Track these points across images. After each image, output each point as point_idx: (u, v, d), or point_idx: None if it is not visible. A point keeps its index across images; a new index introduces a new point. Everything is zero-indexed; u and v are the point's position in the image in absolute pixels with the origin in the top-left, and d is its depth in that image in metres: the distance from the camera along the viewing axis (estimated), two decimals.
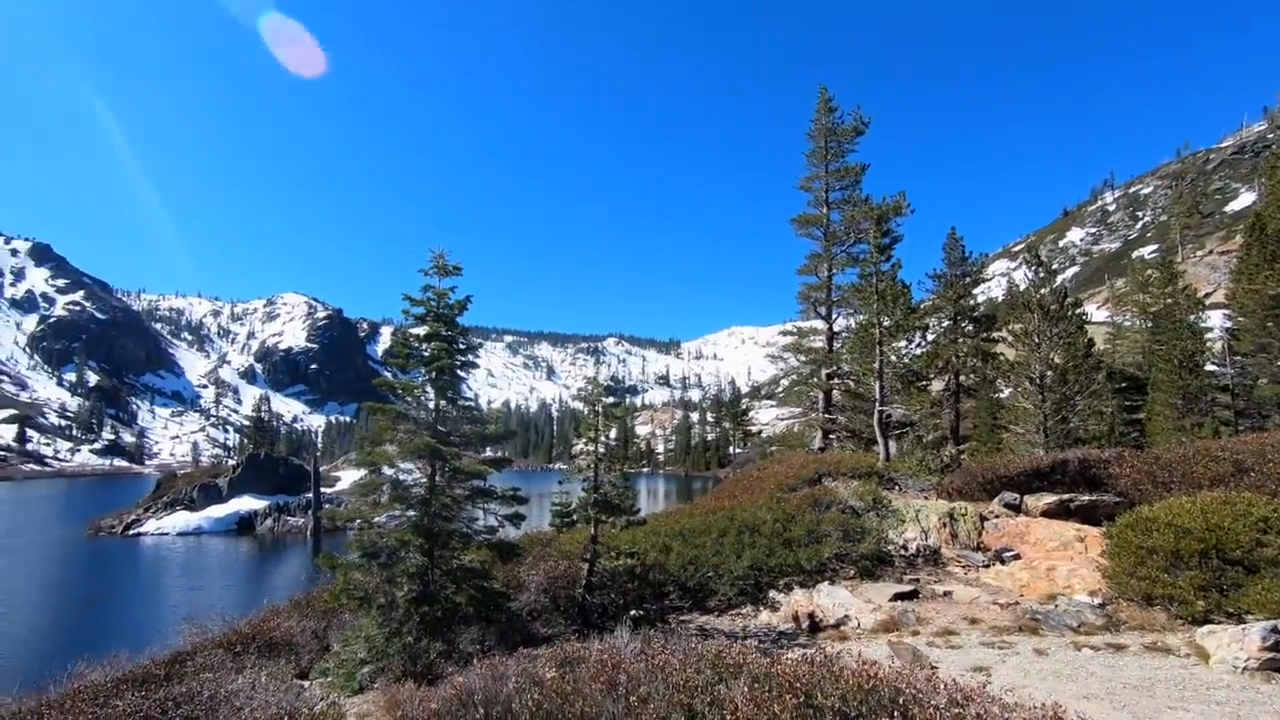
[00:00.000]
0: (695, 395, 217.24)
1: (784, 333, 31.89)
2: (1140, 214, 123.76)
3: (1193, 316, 33.84)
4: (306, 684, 9.18)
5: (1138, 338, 38.31)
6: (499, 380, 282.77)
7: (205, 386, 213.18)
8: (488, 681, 5.74)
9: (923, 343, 29.33)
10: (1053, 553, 11.50)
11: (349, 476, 55.10)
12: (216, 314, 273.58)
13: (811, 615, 10.22)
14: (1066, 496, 13.60)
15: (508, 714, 4.99)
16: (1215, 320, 37.87)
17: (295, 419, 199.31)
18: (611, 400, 11.74)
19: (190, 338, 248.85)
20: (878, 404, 21.57)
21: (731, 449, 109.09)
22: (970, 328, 33.55)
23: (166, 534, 44.76)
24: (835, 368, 28.08)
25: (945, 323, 33.22)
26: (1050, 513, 13.41)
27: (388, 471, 9.99)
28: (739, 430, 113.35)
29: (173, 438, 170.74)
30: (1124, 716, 5.87)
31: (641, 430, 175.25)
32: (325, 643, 10.69)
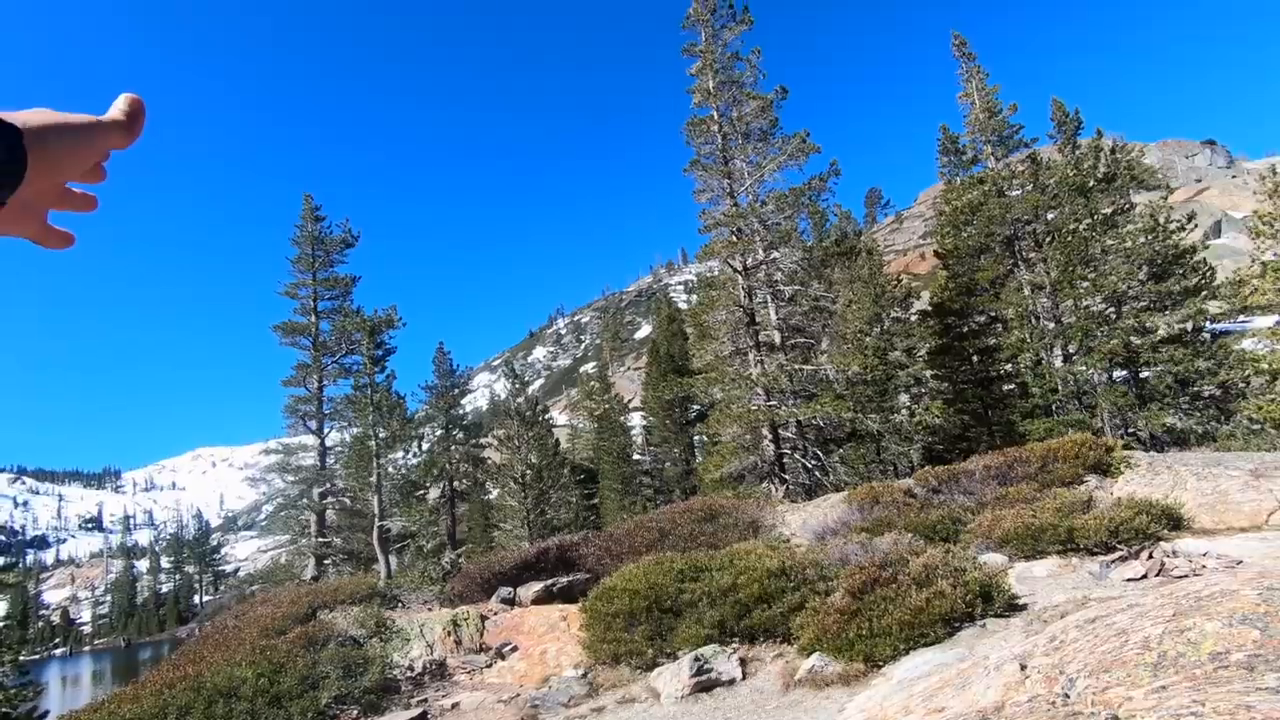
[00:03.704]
0: (145, 538, 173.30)
1: (267, 451, 28.42)
2: (584, 337, 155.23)
3: (622, 418, 43.39)
4: None
5: (589, 436, 46.90)
6: None
7: None
8: None
9: (419, 452, 29.95)
10: (544, 637, 12.62)
11: None
12: None
13: None
14: (550, 582, 15.27)
15: None
16: (636, 420, 49.23)
17: None
18: None
19: None
20: (376, 519, 20.82)
21: (198, 598, 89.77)
22: (461, 435, 35.83)
23: None
24: (329, 485, 26.19)
25: (439, 431, 34.72)
26: (539, 599, 14.81)
27: None
28: (208, 572, 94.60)
29: None
30: None
31: (55, 596, 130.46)
32: None
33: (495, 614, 14.32)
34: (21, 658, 8.25)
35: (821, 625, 8.00)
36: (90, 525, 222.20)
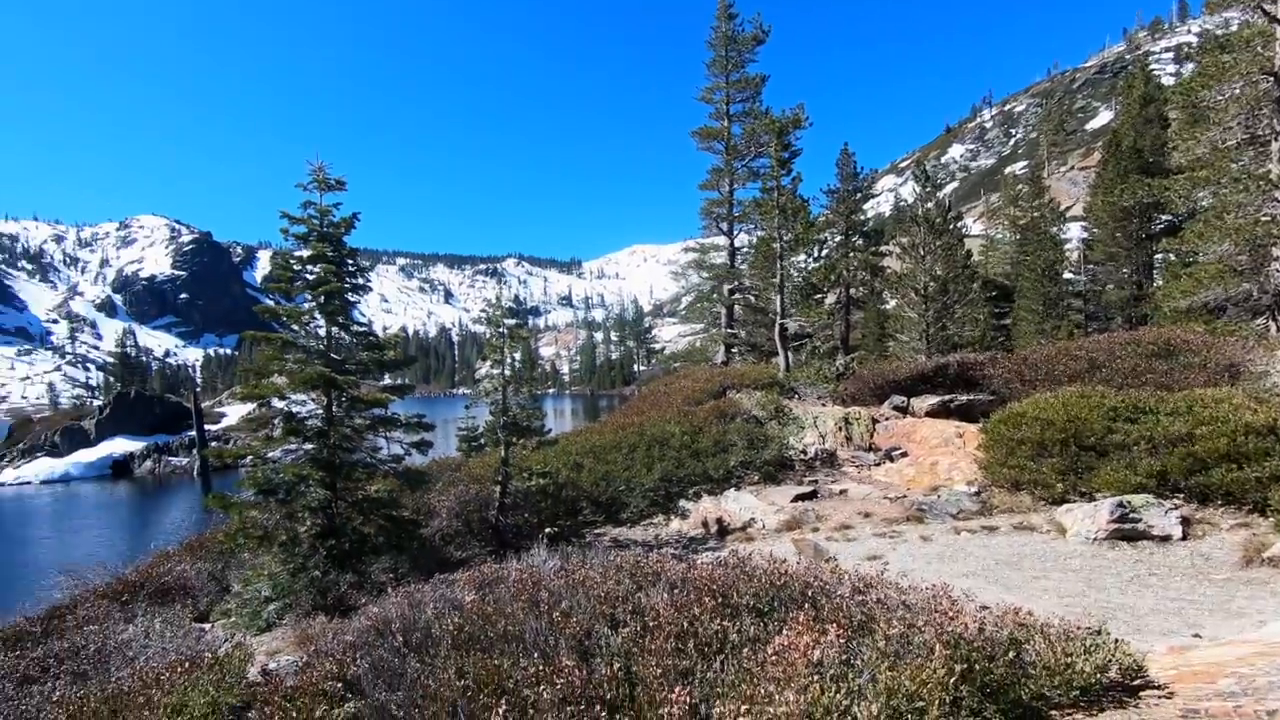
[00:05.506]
0: (598, 315, 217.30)
1: (686, 249, 32.01)
2: (1014, 131, 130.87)
3: (1055, 228, 36.66)
4: (207, 627, 8.79)
5: (1008, 249, 41.15)
6: (393, 305, 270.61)
7: (55, 322, 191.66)
8: (404, 609, 5.64)
9: (818, 257, 30.30)
10: (936, 449, 12.49)
11: (235, 412, 51.86)
12: (59, 239, 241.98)
13: (720, 520, 10.70)
14: (947, 397, 14.72)
15: (428, 639, 4.92)
16: (1074, 232, 41.21)
17: (168, 353, 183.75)
18: (514, 322, 11.44)
19: (30, 267, 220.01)
20: (778, 317, 22.23)
21: (636, 367, 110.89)
22: (860, 242, 34.88)
23: (29, 483, 40.91)
24: (737, 283, 28.59)
25: (838, 237, 34.33)
26: (933, 412, 14.50)
27: (278, 404, 9.38)
28: (643, 348, 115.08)
29: (22, 379, 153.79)
30: (996, 589, 6.55)
31: (546, 351, 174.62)
32: (224, 584, 10.23)
33: (886, 419, 14.57)
34: (531, 391, 11.47)
35: None
36: (564, 302, 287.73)
